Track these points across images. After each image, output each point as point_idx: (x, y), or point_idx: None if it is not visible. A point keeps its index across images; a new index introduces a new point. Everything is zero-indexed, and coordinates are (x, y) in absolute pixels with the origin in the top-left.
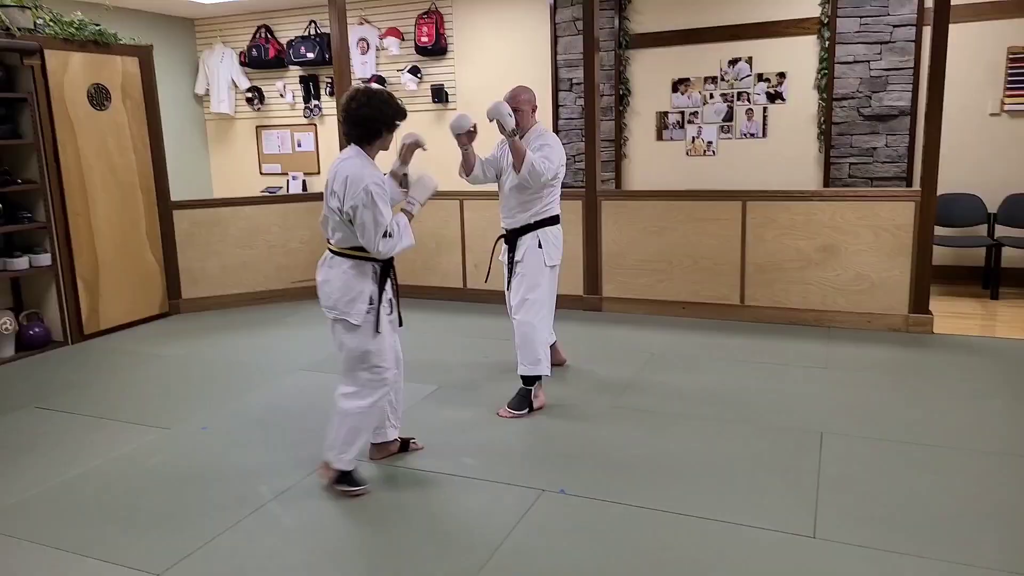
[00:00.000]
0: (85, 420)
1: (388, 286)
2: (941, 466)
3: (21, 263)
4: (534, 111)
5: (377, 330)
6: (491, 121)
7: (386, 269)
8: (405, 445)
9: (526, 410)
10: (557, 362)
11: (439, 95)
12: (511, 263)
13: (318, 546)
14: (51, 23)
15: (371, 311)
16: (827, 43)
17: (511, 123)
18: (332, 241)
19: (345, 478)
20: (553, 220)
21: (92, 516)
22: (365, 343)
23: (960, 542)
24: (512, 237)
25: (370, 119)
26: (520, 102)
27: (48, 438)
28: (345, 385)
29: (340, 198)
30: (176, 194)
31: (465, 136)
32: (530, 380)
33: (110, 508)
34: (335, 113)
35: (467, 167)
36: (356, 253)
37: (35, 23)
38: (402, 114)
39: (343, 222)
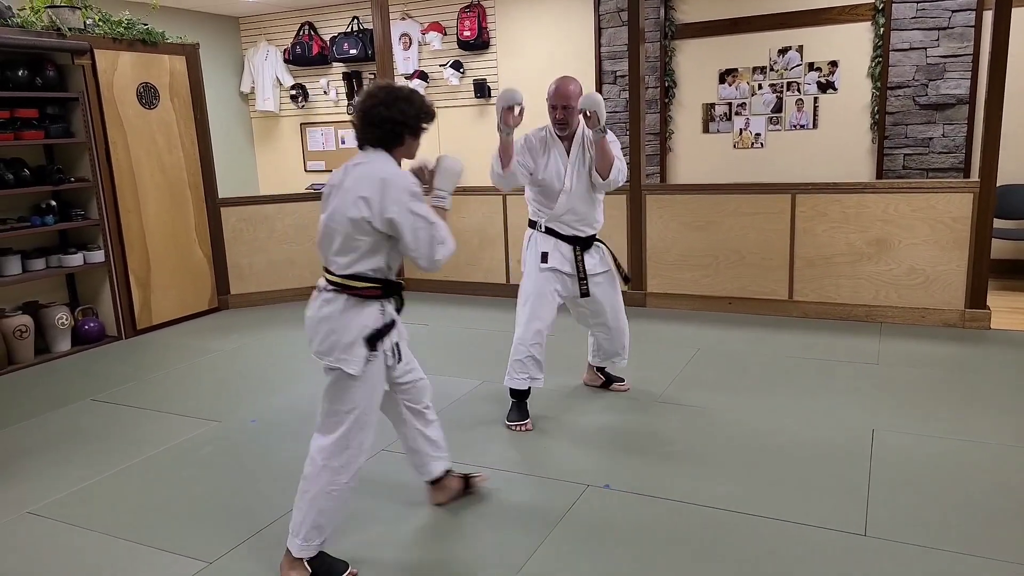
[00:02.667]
0: (139, 412)
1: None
2: (997, 465)
3: (76, 260)
4: None
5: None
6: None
7: (400, 303)
8: (468, 482)
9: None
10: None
11: (481, 90)
12: (582, 273)
13: (363, 538)
14: (100, 23)
15: (372, 358)
16: (882, 30)
17: (604, 117)
18: (334, 268)
19: (320, 570)
20: None
21: (146, 505)
22: (355, 398)
23: (1016, 542)
24: (584, 245)
25: (389, 120)
26: (573, 96)
27: (103, 429)
28: (323, 454)
29: (374, 206)
30: (223, 191)
31: (512, 115)
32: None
33: (163, 497)
34: None
35: (506, 158)
36: (363, 284)
37: (85, 23)
38: (429, 115)
39: (369, 237)
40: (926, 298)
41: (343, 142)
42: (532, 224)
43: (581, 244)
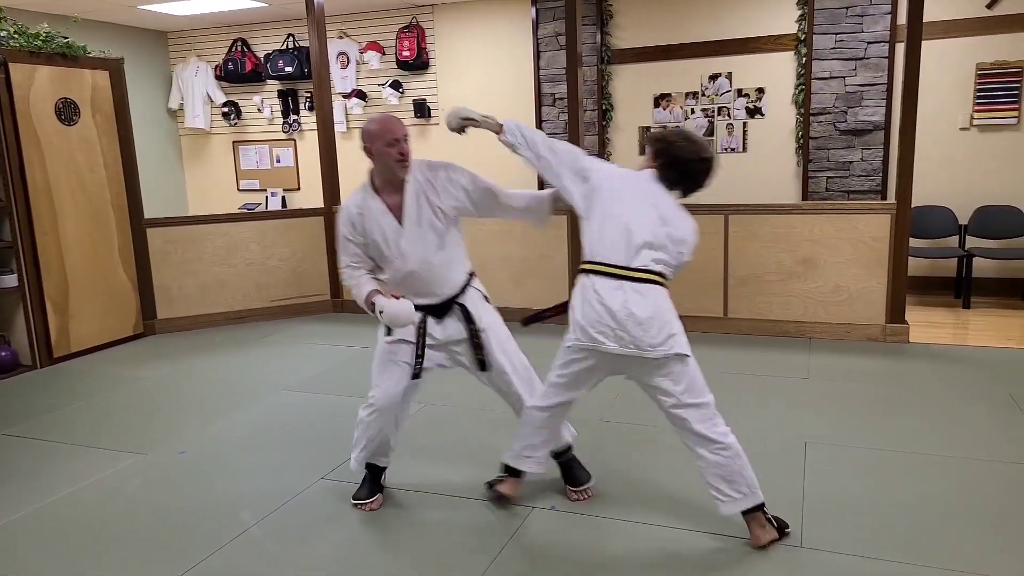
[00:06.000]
0: (57, 446)
1: None
2: (925, 473)
3: None
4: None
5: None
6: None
7: None
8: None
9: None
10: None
11: (421, 110)
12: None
13: (301, 572)
14: (15, 35)
15: None
16: (804, 59)
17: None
18: (639, 263)
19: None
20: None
21: (67, 545)
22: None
23: (947, 548)
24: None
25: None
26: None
27: (18, 466)
28: (715, 421)
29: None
30: (150, 211)
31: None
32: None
33: (86, 537)
34: (314, 128)
35: None
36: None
37: None
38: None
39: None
40: (850, 314)
41: (278, 160)
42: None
43: (433, 312)
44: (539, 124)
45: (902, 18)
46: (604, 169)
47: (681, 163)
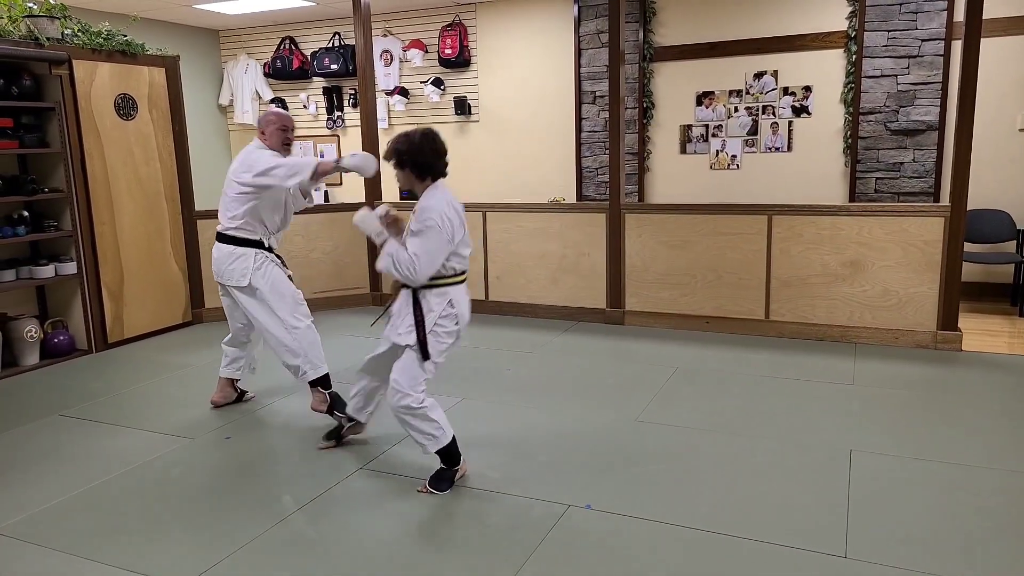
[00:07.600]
0: (109, 428)
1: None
2: (974, 485)
3: (47, 271)
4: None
5: None
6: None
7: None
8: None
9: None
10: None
11: (462, 107)
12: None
13: (341, 559)
14: (79, 33)
15: None
16: (854, 57)
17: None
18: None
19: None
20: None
21: (116, 525)
22: None
23: (995, 563)
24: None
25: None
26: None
27: (72, 446)
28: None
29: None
30: (200, 204)
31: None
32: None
33: (134, 517)
34: (358, 124)
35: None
36: None
37: (63, 33)
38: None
39: None
40: (899, 319)
41: (322, 156)
42: (247, 242)
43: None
44: (579, 122)
45: (959, 15)
46: (452, 221)
47: (435, 158)
